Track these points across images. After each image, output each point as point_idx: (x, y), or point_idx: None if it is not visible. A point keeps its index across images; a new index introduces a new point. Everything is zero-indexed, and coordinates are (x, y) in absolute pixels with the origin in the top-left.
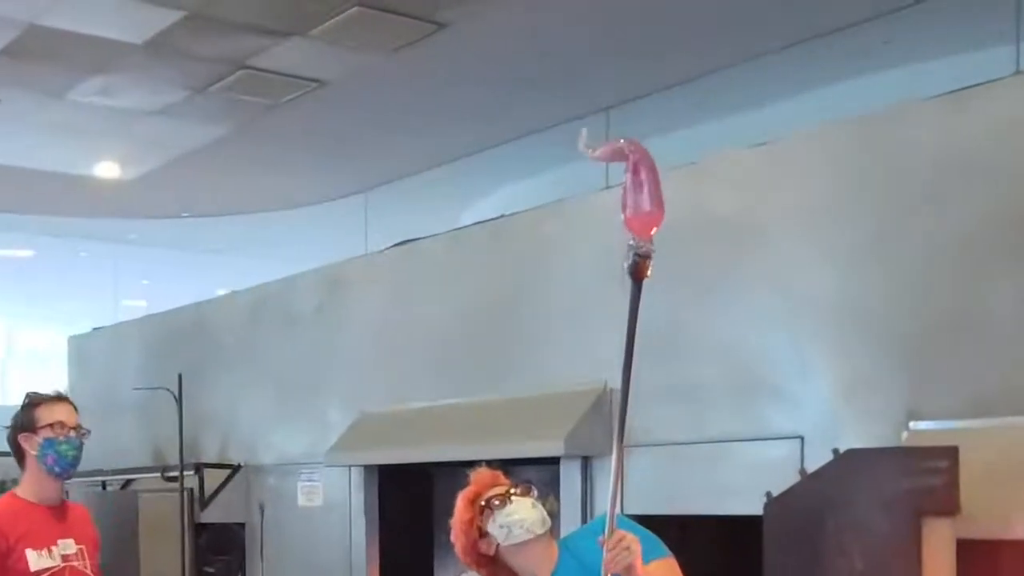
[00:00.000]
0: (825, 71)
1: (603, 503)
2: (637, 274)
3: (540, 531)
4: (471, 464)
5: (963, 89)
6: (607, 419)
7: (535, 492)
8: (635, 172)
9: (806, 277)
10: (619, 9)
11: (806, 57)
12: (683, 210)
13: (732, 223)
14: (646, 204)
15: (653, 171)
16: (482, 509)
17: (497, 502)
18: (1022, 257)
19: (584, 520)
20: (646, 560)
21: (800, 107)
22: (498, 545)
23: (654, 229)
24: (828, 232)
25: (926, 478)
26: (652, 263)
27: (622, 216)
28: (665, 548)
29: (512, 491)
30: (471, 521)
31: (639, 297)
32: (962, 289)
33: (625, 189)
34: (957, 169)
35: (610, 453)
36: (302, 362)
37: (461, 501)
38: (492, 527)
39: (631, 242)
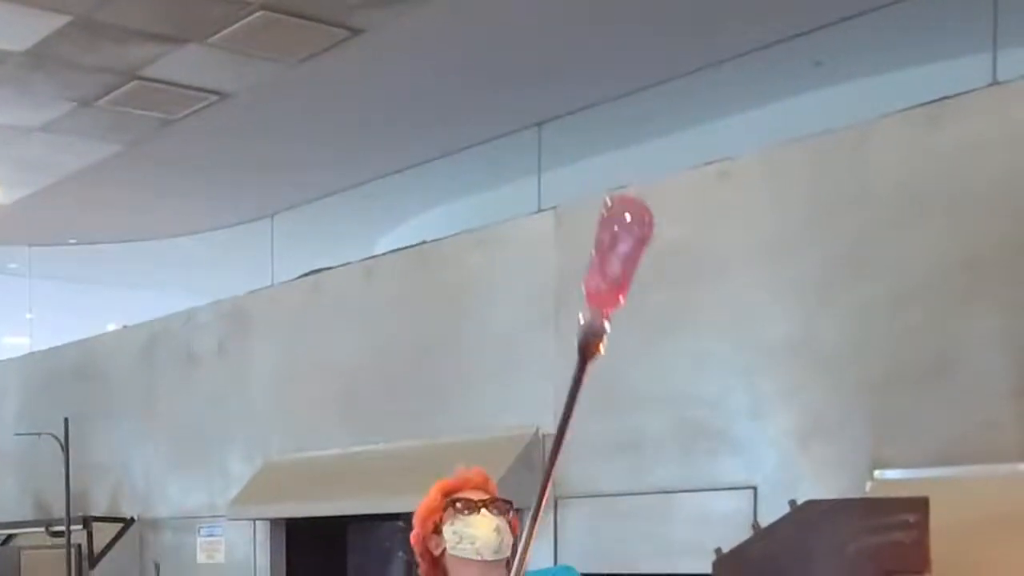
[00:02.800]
0: (773, 85)
1: (535, 560)
2: (587, 352)
3: (489, 557)
4: (389, 517)
5: (935, 102)
6: (539, 468)
7: (511, 515)
8: (639, 244)
9: (760, 313)
10: (551, 17)
11: (754, 70)
12: None
13: (678, 254)
14: (621, 280)
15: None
16: (447, 505)
17: (463, 506)
18: (999, 291)
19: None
20: None
21: (751, 124)
22: (445, 549)
23: (614, 308)
24: (785, 264)
25: (893, 533)
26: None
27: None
28: None
29: (486, 502)
30: (433, 511)
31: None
32: (933, 327)
33: (604, 255)
34: (929, 193)
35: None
36: (201, 405)
37: (434, 489)
38: (447, 529)
39: (586, 319)
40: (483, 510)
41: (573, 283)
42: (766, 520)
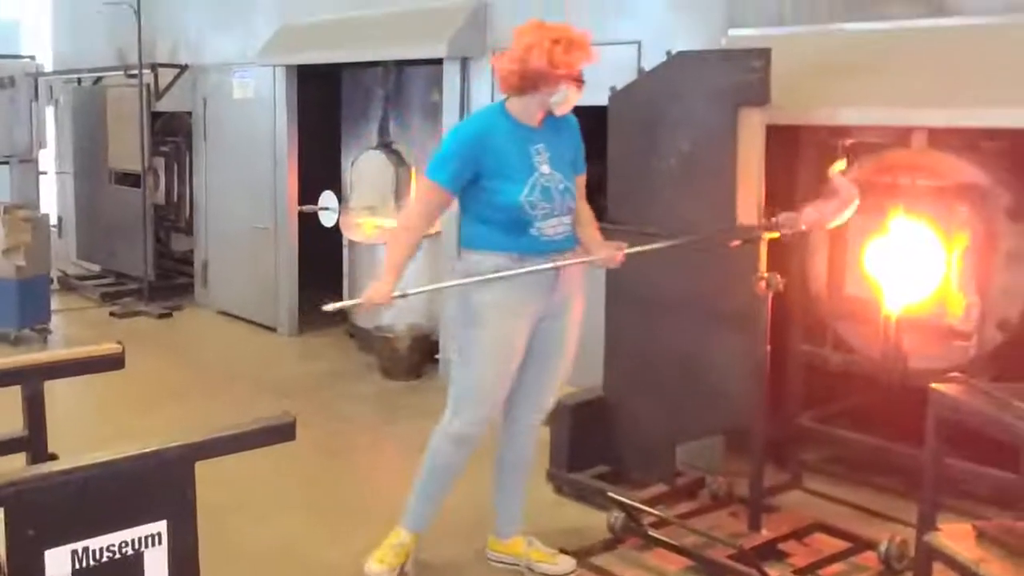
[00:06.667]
0: None
1: (477, 98)
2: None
3: (557, 112)
4: (373, 64)
5: None
6: (482, 28)
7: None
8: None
9: None
10: None
11: None
12: None
13: None
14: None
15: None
16: (573, 75)
17: (576, 84)
18: None
19: (462, 113)
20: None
21: None
22: (540, 83)
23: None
24: None
25: (743, 75)
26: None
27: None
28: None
29: (581, 83)
30: (564, 66)
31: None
32: None
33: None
34: None
35: (483, 56)
36: None
37: (579, 42)
38: (560, 85)
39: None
40: (577, 90)
41: None
42: (649, 66)
